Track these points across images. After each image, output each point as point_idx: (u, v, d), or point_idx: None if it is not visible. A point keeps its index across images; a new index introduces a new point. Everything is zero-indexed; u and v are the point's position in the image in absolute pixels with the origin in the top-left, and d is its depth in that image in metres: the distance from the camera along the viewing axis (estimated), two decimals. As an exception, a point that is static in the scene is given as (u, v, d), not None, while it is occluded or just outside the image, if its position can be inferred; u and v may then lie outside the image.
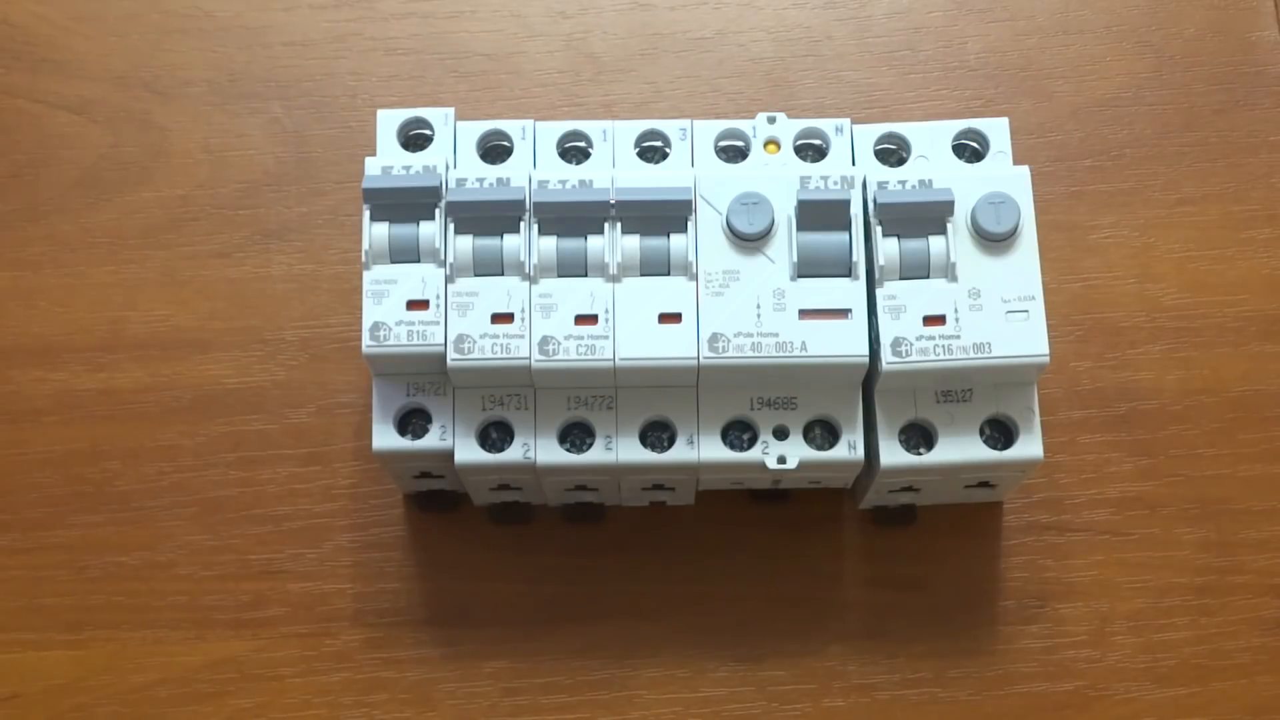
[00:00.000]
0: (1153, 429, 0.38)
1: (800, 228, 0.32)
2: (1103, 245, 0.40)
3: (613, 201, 0.32)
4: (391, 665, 0.36)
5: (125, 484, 0.38)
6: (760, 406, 0.33)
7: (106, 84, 0.41)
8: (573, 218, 0.32)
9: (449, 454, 0.33)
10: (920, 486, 0.35)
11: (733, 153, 0.35)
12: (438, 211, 0.32)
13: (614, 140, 0.34)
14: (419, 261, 0.33)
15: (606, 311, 0.32)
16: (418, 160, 0.33)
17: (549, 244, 0.32)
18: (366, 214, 0.32)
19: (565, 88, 0.41)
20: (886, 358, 0.32)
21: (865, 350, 0.32)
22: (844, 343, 0.32)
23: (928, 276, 0.32)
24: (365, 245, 0.32)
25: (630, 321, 0.32)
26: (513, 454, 0.33)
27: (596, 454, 0.33)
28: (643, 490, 0.36)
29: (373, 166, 0.33)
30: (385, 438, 0.33)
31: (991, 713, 0.36)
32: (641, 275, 0.32)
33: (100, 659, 0.36)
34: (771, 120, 0.35)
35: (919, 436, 0.33)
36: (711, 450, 0.33)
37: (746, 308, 0.32)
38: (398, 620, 0.37)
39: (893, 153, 0.35)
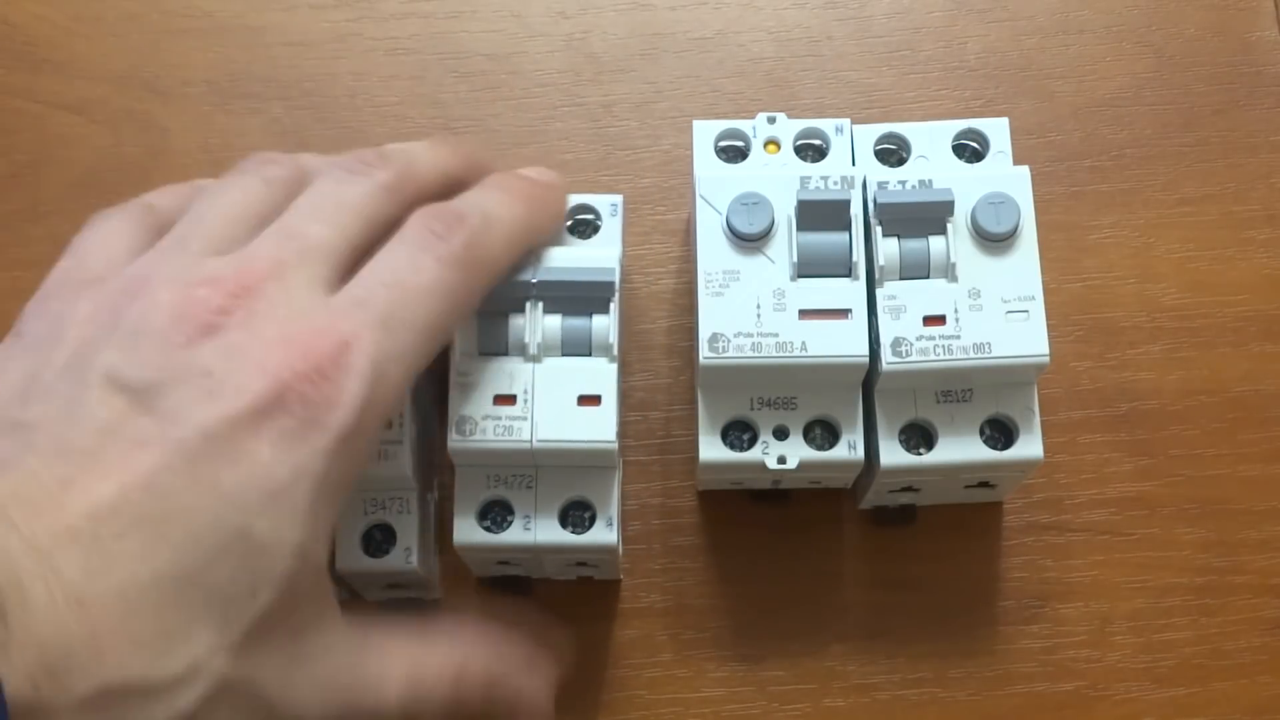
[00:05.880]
0: (1153, 429, 0.38)
1: (800, 228, 0.32)
2: (1103, 245, 0.40)
3: (534, 281, 0.32)
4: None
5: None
6: (760, 406, 0.33)
7: (106, 84, 0.41)
8: (496, 295, 0.32)
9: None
10: (920, 486, 0.35)
11: (733, 153, 0.35)
12: None
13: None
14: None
15: (526, 392, 0.32)
16: None
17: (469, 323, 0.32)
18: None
19: (565, 88, 0.41)
20: (886, 358, 0.32)
21: (865, 350, 0.32)
22: (844, 343, 0.32)
23: (928, 276, 0.32)
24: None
25: (549, 403, 0.31)
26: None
27: (515, 534, 0.32)
28: (567, 566, 0.35)
29: None
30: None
31: (991, 713, 0.36)
32: (562, 355, 0.32)
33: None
34: (771, 120, 0.35)
35: (919, 436, 0.33)
36: (712, 450, 0.33)
37: (746, 308, 0.32)
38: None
39: (893, 153, 0.35)
